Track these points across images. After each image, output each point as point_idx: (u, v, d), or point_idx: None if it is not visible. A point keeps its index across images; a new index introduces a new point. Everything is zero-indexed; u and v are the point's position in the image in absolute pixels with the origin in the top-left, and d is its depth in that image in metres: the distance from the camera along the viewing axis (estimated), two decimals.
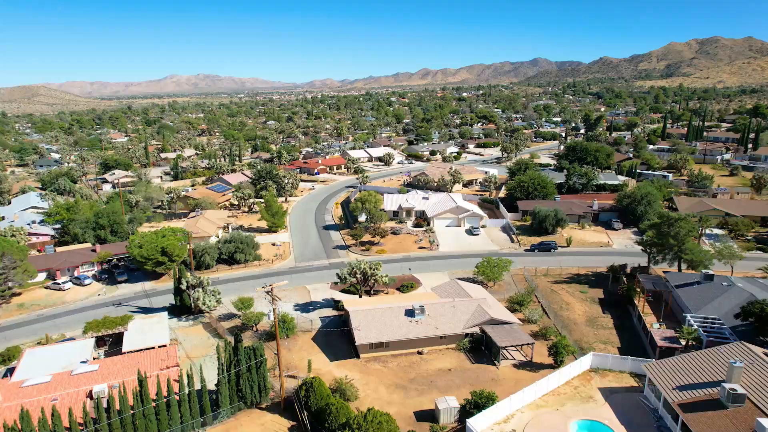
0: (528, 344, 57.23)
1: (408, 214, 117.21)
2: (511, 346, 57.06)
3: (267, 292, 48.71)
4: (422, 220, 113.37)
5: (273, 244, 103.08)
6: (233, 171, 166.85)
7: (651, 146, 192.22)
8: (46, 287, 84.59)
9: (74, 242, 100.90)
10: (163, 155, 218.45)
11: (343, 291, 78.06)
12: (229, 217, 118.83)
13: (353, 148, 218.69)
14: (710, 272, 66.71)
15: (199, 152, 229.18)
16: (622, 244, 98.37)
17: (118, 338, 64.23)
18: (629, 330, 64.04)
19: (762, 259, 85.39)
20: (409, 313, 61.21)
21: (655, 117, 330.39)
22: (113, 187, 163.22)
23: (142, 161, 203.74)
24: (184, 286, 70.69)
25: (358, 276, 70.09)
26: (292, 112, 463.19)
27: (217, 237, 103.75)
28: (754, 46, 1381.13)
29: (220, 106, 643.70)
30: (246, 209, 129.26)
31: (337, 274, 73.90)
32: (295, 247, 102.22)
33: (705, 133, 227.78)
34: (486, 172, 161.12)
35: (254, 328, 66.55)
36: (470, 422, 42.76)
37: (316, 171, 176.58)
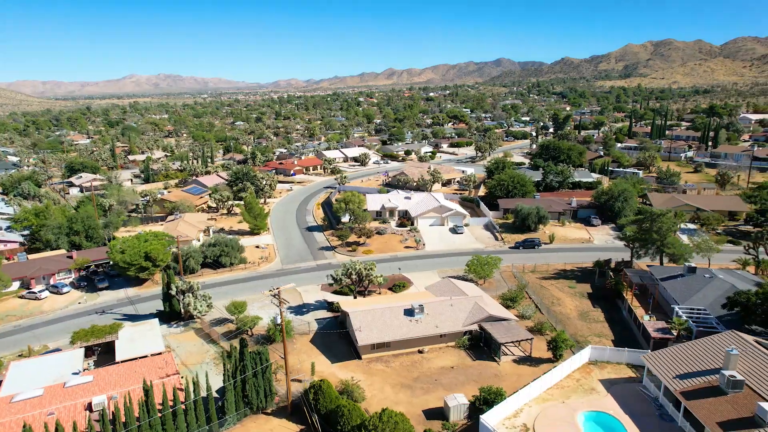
0: (527, 340, 58.27)
1: (391, 214, 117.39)
2: (511, 342, 57.98)
3: (274, 296, 47.94)
4: (406, 219, 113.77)
5: (257, 247, 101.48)
6: (208, 173, 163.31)
7: (619, 144, 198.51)
8: (21, 296, 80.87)
9: (46, 249, 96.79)
10: (131, 157, 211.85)
11: (335, 292, 77.58)
12: (208, 219, 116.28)
13: (328, 149, 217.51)
14: (693, 265, 69.47)
15: (168, 154, 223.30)
16: (602, 240, 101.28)
17: (107, 348, 62.04)
18: (620, 323, 66.03)
19: (734, 251, 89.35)
20: (409, 312, 61.37)
21: (619, 116, 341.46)
22: (81, 190, 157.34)
23: (109, 164, 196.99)
24: (173, 292, 68.79)
25: (353, 277, 69.78)
26: (260, 112, 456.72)
27: (199, 240, 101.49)
28: (703, 48, 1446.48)
29: (184, 106, 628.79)
30: (225, 212, 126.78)
31: (331, 276, 73.38)
32: (279, 250, 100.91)
33: (667, 132, 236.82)
34: (463, 171, 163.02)
35: (249, 333, 65.38)
36: (483, 418, 43.22)
37: (292, 172, 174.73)
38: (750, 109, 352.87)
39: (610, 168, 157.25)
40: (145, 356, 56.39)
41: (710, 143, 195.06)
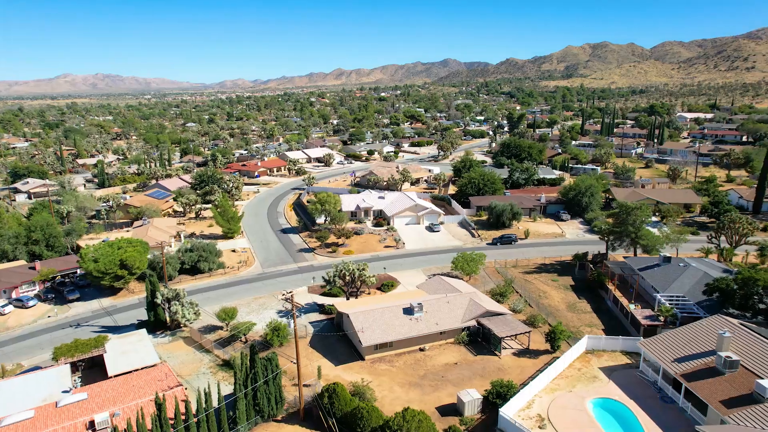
0: (525, 333, 59.80)
1: (366, 214, 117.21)
2: (510, 336, 59.33)
3: (287, 300, 46.84)
4: (382, 219, 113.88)
5: (233, 251, 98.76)
6: (169, 176, 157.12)
7: (574, 142, 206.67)
8: None
9: (2, 260, 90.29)
10: (80, 161, 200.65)
11: (324, 294, 76.71)
12: (178, 224, 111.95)
13: (290, 150, 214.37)
14: (668, 255, 73.50)
15: (120, 157, 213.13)
16: (573, 234, 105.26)
17: (92, 363, 58.72)
18: (606, 312, 68.95)
19: (695, 241, 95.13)
20: (408, 311, 61.59)
21: (568, 114, 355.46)
22: (29, 197, 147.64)
23: (56, 168, 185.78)
24: (159, 300, 65.91)
25: (348, 278, 69.24)
26: (210, 113, 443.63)
27: (171, 246, 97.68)
28: (636, 51, 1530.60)
29: (128, 107, 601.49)
30: (193, 215, 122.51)
31: (323, 277, 72.49)
32: (257, 253, 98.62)
33: (615, 130, 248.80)
34: (430, 171, 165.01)
35: (243, 339, 63.60)
36: (503, 411, 44.10)
37: (256, 174, 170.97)
38: (685, 108, 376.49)
39: (570, 165, 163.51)
40: (141, 369, 53.75)
41: (656, 140, 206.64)
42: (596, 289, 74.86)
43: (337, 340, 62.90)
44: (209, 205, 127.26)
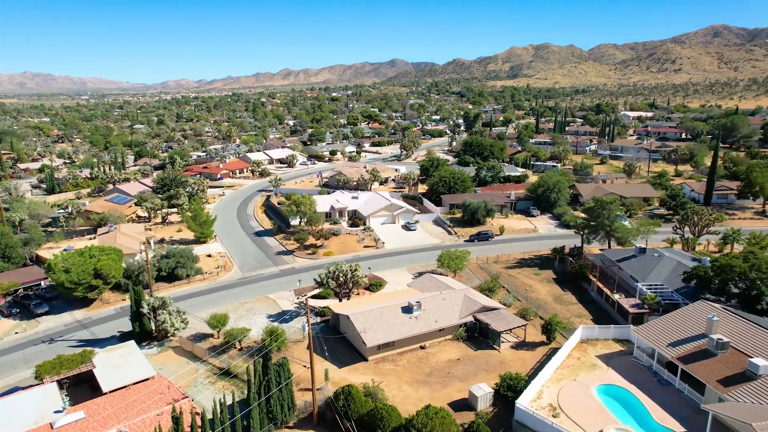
0: (521, 326, 61.37)
1: (341, 214, 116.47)
2: (508, 330, 60.71)
3: (301, 303, 45.93)
4: (358, 219, 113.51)
5: (209, 256, 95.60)
6: (127, 180, 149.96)
7: (531, 140, 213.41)
8: None
9: None
10: (21, 166, 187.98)
11: (312, 297, 75.65)
12: (146, 230, 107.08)
13: (250, 151, 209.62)
14: (643, 246, 77.42)
15: (67, 161, 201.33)
16: (545, 229, 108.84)
17: (77, 380, 55.31)
18: (591, 303, 71.82)
19: (659, 232, 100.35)
20: (407, 309, 61.78)
21: (519, 114, 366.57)
22: None
23: None
24: (145, 309, 62.94)
25: (341, 278, 68.61)
26: (157, 114, 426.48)
27: (141, 253, 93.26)
28: (575, 52, 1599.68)
29: (65, 108, 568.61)
30: (159, 221, 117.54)
31: (315, 279, 71.54)
32: (234, 257, 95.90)
33: (567, 128, 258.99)
34: (396, 170, 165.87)
35: (238, 346, 61.76)
36: (519, 402, 45.18)
37: (219, 176, 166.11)
38: (627, 107, 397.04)
39: (531, 162, 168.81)
40: (136, 383, 51.13)
41: (607, 138, 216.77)
42: (578, 281, 77.79)
43: (336, 342, 62.22)
44: (174, 209, 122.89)
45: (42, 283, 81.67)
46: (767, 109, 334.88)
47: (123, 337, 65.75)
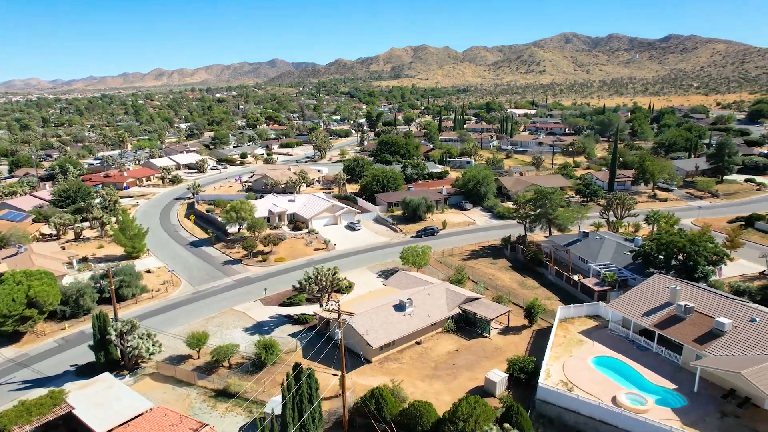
0: (505, 313, 64.89)
1: (280, 218, 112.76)
2: (496, 317, 63.83)
3: (334, 311, 44.47)
4: (300, 222, 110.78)
5: (148, 272, 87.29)
6: (13, 194, 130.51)
7: (440, 138, 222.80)
8: None
9: None
10: None
11: (283, 304, 73.15)
12: (62, 249, 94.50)
13: (152, 157, 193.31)
14: (587, 231, 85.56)
15: None
16: (482, 221, 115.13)
17: (46, 427, 47.82)
18: (552, 285, 77.82)
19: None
20: (399, 307, 62.19)
21: (415, 113, 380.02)
22: None
23: None
24: (112, 336, 56.18)
25: (324, 282, 66.90)
26: (16, 118, 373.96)
27: (68, 275, 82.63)
28: (451, 54, 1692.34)
29: None
30: (72, 237, 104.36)
31: (294, 286, 68.86)
32: (178, 272, 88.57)
33: (465, 125, 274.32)
34: (319, 171, 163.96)
35: (228, 364, 57.69)
36: (542, 382, 48.14)
37: (125, 185, 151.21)
38: (512, 105, 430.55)
39: (447, 159, 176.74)
40: (134, 418, 45.67)
41: (506, 134, 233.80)
42: (534, 267, 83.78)
43: (332, 348, 60.62)
44: (87, 224, 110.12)
45: None
46: (625, 107, 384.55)
47: (81, 371, 58.14)
